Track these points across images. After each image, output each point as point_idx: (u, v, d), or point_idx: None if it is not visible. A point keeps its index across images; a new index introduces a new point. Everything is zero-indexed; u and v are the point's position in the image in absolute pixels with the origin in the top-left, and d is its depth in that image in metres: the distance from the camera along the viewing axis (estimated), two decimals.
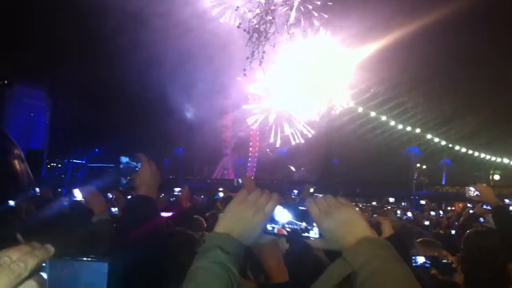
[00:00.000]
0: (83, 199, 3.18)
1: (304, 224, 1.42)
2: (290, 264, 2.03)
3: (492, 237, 3.31)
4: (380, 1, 28.96)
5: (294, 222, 1.44)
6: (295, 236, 1.44)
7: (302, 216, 1.43)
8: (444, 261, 3.35)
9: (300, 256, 2.05)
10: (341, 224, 1.35)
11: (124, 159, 2.34)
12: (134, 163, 2.35)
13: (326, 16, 32.98)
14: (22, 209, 5.64)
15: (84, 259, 1.24)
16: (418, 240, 3.51)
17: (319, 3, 32.63)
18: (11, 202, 5.34)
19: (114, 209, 4.87)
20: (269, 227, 1.43)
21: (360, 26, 32.27)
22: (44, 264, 1.22)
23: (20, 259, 1.15)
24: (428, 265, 3.18)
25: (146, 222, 2.22)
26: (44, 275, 1.26)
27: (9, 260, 1.13)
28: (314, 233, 1.43)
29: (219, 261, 1.27)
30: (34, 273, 1.17)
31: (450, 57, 34.28)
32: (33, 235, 2.50)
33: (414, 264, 3.14)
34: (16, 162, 16.30)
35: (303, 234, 1.43)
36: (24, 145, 23.47)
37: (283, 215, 1.44)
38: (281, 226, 1.43)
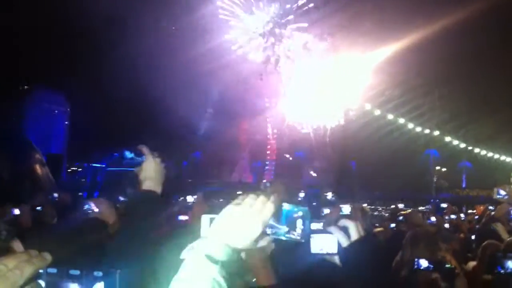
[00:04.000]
0: (97, 211, 3.22)
1: (285, 227, 1.42)
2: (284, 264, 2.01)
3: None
4: (396, 3, 28.76)
5: (274, 226, 1.43)
6: (278, 237, 1.45)
7: (283, 217, 1.42)
8: (447, 266, 3.27)
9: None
10: None
11: (129, 154, 2.32)
12: (139, 158, 2.30)
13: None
14: (47, 214, 5.75)
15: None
16: (423, 242, 3.42)
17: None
18: (16, 211, 5.33)
19: None
20: None
21: (375, 29, 32.15)
22: (41, 271, 1.25)
23: (17, 266, 1.18)
24: (430, 269, 3.11)
25: (151, 219, 2.15)
26: (42, 283, 1.29)
27: (5, 268, 1.17)
28: (296, 235, 1.43)
29: (204, 273, 1.23)
30: (30, 281, 1.21)
31: (468, 58, 33.90)
32: (50, 242, 2.54)
33: (416, 267, 3.08)
34: (37, 166, 16.54)
35: (287, 236, 1.43)
36: (44, 149, 23.73)
37: None
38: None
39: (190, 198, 8.42)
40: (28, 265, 1.22)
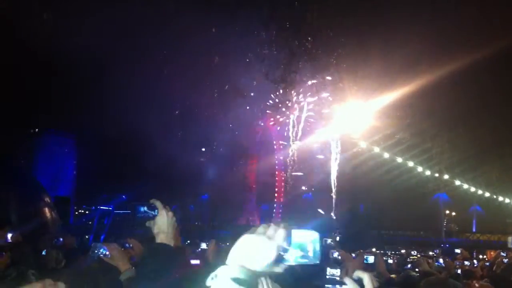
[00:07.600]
0: (108, 256, 3.17)
1: (300, 252, 1.51)
2: None
3: None
4: (405, 47, 29.14)
5: (288, 250, 1.52)
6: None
7: (298, 244, 1.51)
8: None
9: None
10: None
11: (142, 208, 2.36)
12: (152, 212, 2.35)
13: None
14: (52, 258, 5.67)
15: None
16: None
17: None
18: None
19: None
20: None
21: (384, 73, 32.50)
22: None
23: None
24: None
25: (166, 271, 2.19)
26: None
27: None
28: (311, 260, 1.50)
29: None
30: None
31: (476, 102, 34.02)
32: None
33: None
34: (45, 209, 16.51)
35: (300, 260, 1.51)
36: (52, 192, 23.83)
37: None
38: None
39: (203, 245, 8.42)
40: None
